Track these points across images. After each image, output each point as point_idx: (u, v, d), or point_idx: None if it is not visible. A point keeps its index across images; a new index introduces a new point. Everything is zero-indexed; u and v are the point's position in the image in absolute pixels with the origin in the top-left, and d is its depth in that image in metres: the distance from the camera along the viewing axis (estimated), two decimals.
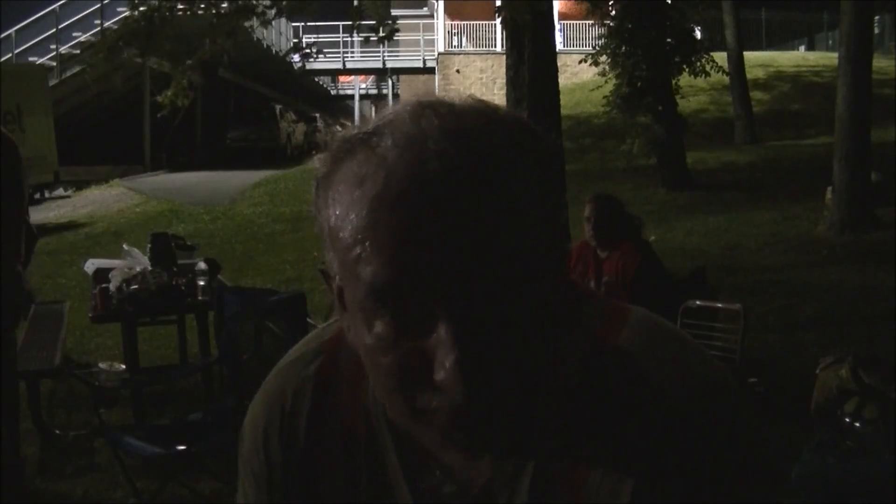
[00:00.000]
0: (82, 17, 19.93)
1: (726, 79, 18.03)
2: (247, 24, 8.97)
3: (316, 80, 37.08)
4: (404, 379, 0.65)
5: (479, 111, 0.67)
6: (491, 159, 0.64)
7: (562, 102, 8.34)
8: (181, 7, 8.81)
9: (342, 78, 40.62)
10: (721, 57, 16.67)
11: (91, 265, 5.24)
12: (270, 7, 9.22)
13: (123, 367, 4.66)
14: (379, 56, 31.97)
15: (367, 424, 0.79)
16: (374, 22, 8.86)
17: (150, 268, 4.67)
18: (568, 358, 0.71)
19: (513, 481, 0.72)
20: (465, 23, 27.77)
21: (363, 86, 40.72)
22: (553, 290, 0.68)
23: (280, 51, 24.72)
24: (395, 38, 9.04)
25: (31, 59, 19.22)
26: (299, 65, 9.68)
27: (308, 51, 10.01)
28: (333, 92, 42.86)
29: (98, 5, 19.39)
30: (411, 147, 0.63)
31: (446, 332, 0.62)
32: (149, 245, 4.95)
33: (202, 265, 4.76)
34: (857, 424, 3.67)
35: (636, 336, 0.72)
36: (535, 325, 0.66)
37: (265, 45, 24.36)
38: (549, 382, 0.71)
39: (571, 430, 0.70)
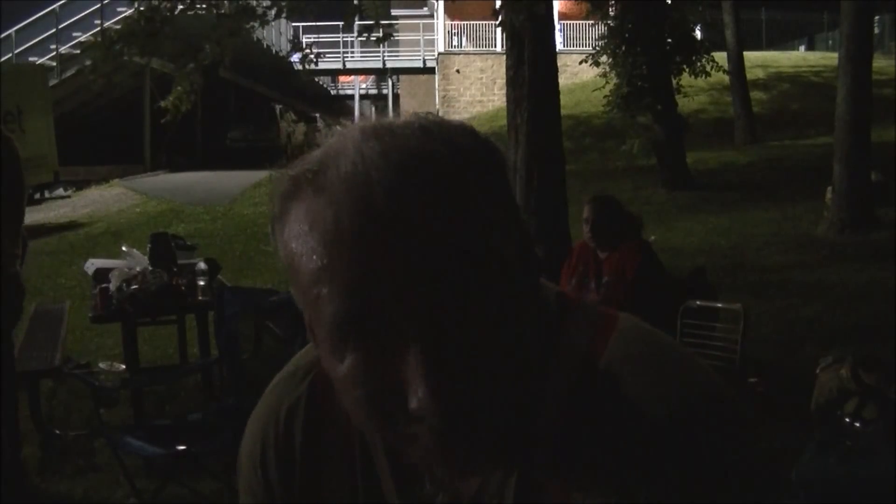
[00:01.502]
0: (82, 17, 19.91)
1: (726, 79, 18.03)
2: (247, 25, 8.97)
3: (316, 80, 37.06)
4: (378, 411, 0.65)
5: (422, 131, 0.66)
6: (438, 181, 0.63)
7: (562, 102, 8.33)
8: (182, 7, 8.81)
9: (342, 78, 40.60)
10: (721, 57, 16.68)
11: (91, 265, 5.24)
12: (270, 7, 9.22)
13: (123, 367, 4.66)
14: (379, 56, 31.95)
15: (361, 438, 0.79)
16: (371, 22, 8.86)
17: (150, 268, 4.66)
18: (555, 371, 0.71)
19: (501, 491, 0.72)
20: (465, 23, 27.75)
21: (363, 86, 40.71)
22: (527, 303, 0.67)
23: (280, 51, 24.75)
24: (395, 38, 9.06)
25: (31, 59, 19.21)
26: (299, 66, 9.72)
27: (308, 52, 10.01)
28: (333, 92, 42.83)
29: (98, 5, 19.38)
30: (356, 181, 0.63)
31: (416, 360, 0.62)
32: (149, 245, 4.94)
33: (202, 265, 4.76)
34: (857, 424, 3.67)
35: (623, 347, 0.71)
36: (511, 342, 0.65)
37: (265, 45, 24.36)
38: (535, 396, 0.70)
39: (559, 443, 0.69)
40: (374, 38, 8.87)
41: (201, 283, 4.60)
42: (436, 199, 0.62)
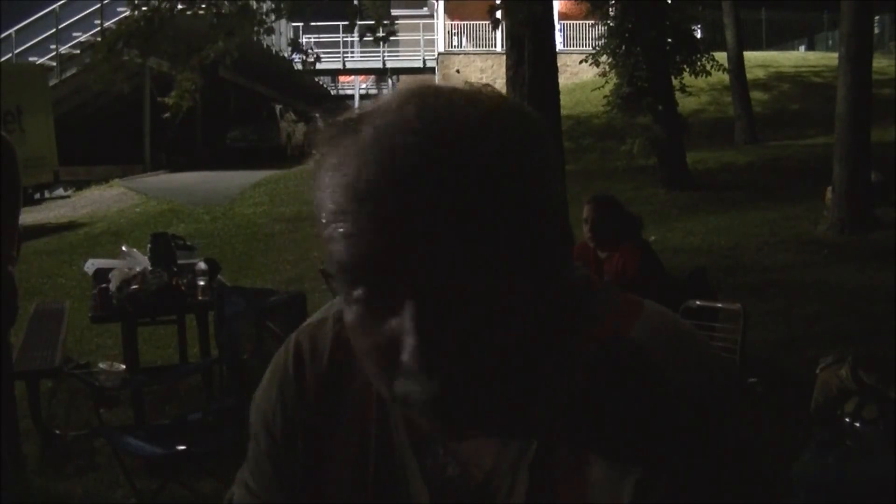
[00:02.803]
0: (82, 17, 19.91)
1: (726, 79, 18.03)
2: (250, 33, 8.99)
3: (316, 80, 37.06)
4: (381, 363, 0.67)
5: (466, 100, 0.67)
6: (464, 151, 0.64)
7: (562, 102, 8.34)
8: (181, 6, 8.81)
9: (342, 78, 40.62)
10: (721, 57, 16.68)
11: (91, 265, 5.24)
12: (271, 10, 9.23)
13: (123, 367, 4.66)
14: (379, 56, 31.96)
15: (379, 399, 0.79)
16: (372, 22, 8.86)
17: (150, 268, 4.67)
18: (577, 349, 0.71)
19: (515, 467, 0.72)
20: (465, 23, 27.76)
21: (363, 86, 40.71)
22: (552, 280, 0.68)
23: (280, 51, 24.75)
24: (395, 37, 9.08)
25: (31, 59, 19.21)
26: (299, 65, 9.79)
27: (308, 52, 10.04)
28: (333, 92, 42.83)
29: (98, 5, 19.38)
30: (387, 136, 0.64)
31: (408, 314, 0.64)
32: (149, 245, 4.95)
33: (202, 265, 4.76)
34: (857, 424, 3.67)
35: (648, 331, 0.72)
36: (522, 315, 0.66)
37: (265, 45, 24.35)
38: (556, 371, 0.71)
39: (579, 420, 0.70)
40: (375, 38, 8.88)
41: (201, 283, 4.61)
42: (459, 166, 0.63)
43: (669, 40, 14.34)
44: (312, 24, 28.65)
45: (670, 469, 0.67)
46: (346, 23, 9.85)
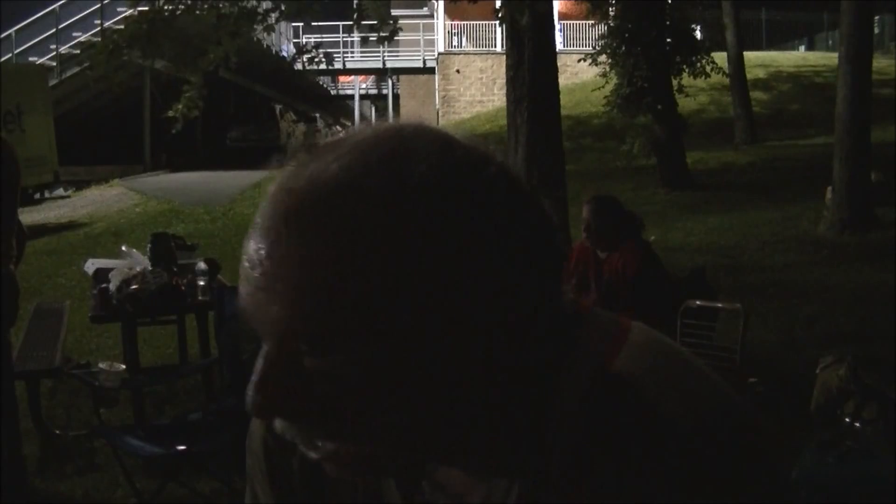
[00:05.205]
0: (82, 17, 19.91)
1: (726, 79, 18.05)
2: (251, 31, 8.98)
3: (316, 80, 37.09)
4: None
5: (359, 154, 0.65)
6: (335, 213, 0.62)
7: (562, 102, 8.33)
8: (183, 6, 8.80)
9: (342, 78, 40.60)
10: (721, 57, 16.68)
11: (91, 265, 5.25)
12: (273, 10, 9.22)
13: (123, 367, 4.66)
14: (379, 56, 31.97)
15: None
16: (374, 22, 8.87)
17: (150, 268, 4.67)
18: (566, 381, 0.69)
19: (505, 499, 0.70)
20: (465, 23, 27.76)
21: (363, 86, 40.70)
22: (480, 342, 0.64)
23: (280, 51, 24.75)
24: (395, 38, 9.08)
25: (31, 59, 19.21)
26: (303, 65, 9.79)
27: (314, 55, 10.03)
28: (333, 92, 42.84)
29: (98, 5, 19.38)
30: (280, 186, 0.66)
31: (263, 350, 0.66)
32: (149, 245, 4.95)
33: (202, 265, 4.76)
34: (857, 424, 3.68)
35: (640, 358, 0.69)
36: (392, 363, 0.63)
37: (265, 45, 24.35)
38: (538, 410, 0.68)
39: (564, 459, 0.67)
40: (378, 38, 8.88)
41: (201, 283, 4.61)
42: (314, 232, 0.62)
43: (669, 40, 14.35)
44: (313, 24, 28.68)
45: (668, 498, 0.64)
46: (346, 23, 9.85)
